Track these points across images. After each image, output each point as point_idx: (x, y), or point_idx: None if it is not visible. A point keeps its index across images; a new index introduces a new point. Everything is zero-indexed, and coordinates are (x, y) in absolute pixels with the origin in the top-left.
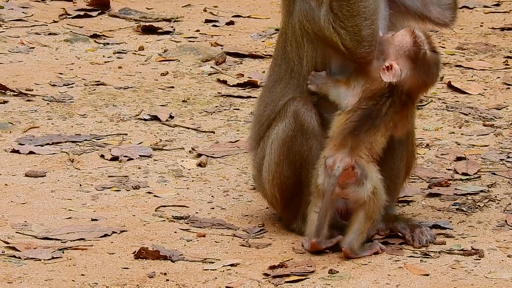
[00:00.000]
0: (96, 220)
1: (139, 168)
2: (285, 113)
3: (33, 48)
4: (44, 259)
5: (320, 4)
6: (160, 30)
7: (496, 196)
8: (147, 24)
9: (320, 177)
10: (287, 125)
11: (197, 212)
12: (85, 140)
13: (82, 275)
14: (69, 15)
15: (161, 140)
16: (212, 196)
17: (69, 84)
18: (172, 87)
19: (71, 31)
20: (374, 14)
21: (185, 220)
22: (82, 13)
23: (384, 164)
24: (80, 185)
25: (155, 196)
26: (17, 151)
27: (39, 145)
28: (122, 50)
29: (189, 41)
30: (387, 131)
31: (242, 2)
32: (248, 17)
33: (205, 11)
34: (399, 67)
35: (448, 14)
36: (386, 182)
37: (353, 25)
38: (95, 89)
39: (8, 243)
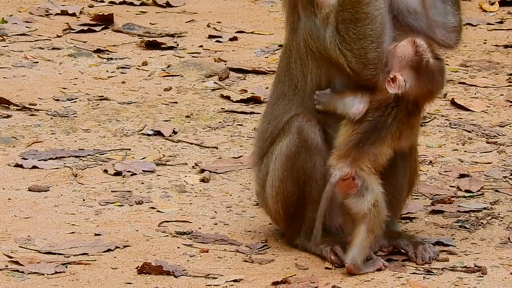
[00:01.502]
0: (99, 235)
1: (142, 183)
2: (289, 129)
3: (37, 62)
4: (47, 274)
5: (326, 24)
6: (164, 46)
7: (499, 213)
8: (151, 39)
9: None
10: (291, 141)
11: (200, 228)
12: (88, 155)
13: None
14: (73, 29)
15: (164, 155)
16: (215, 211)
17: (72, 99)
18: (176, 102)
19: (74, 46)
20: (381, 37)
21: (188, 235)
22: (85, 28)
23: (387, 181)
24: (84, 200)
25: (158, 211)
26: (21, 166)
27: (43, 159)
28: (126, 65)
29: (193, 56)
30: (393, 142)
31: (246, 18)
32: (251, 33)
33: (209, 26)
34: (403, 78)
35: (453, 37)
36: (389, 199)
37: (359, 48)
38: (98, 104)
39: (11, 257)
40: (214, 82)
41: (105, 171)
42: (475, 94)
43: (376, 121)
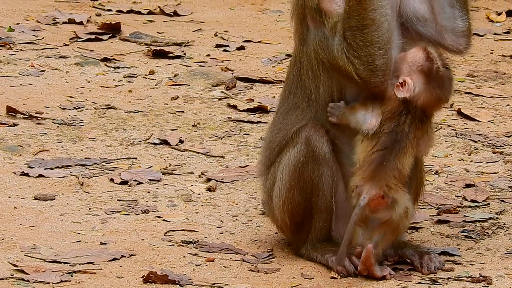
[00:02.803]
0: (105, 243)
1: (148, 192)
2: (296, 139)
3: (44, 71)
4: (53, 283)
5: (334, 33)
6: (171, 55)
7: (504, 223)
8: (158, 48)
9: (353, 200)
10: (299, 151)
11: (206, 237)
12: (94, 163)
13: None
14: (80, 38)
15: (170, 164)
16: (221, 220)
17: (79, 108)
18: (182, 111)
19: (81, 55)
20: (388, 44)
21: (194, 244)
22: (93, 36)
23: None
24: (89, 208)
25: (164, 220)
26: (27, 174)
27: (49, 168)
28: (133, 74)
29: (200, 65)
30: (413, 150)
31: (253, 27)
32: (258, 42)
33: (216, 35)
34: (413, 81)
35: (463, 42)
36: None
37: (367, 55)
38: (105, 113)
39: (16, 266)
40: (221, 91)
41: (111, 180)
42: (482, 104)
43: (395, 132)
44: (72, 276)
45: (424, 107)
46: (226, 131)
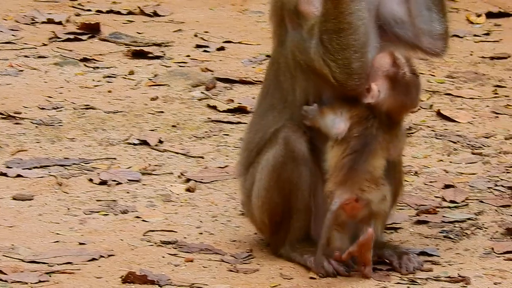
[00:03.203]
0: (83, 244)
1: (127, 192)
2: (275, 139)
3: (22, 71)
4: (31, 283)
5: (311, 36)
6: (151, 55)
7: (483, 224)
8: (138, 48)
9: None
10: (277, 151)
11: (185, 237)
12: (73, 164)
13: None
14: (59, 38)
15: (150, 164)
16: (200, 221)
17: (58, 108)
18: (162, 112)
19: (60, 55)
20: (364, 47)
21: (173, 245)
22: (72, 36)
23: None
24: (68, 208)
25: (143, 220)
26: (5, 174)
27: (27, 168)
28: (112, 74)
29: (179, 66)
30: (383, 152)
31: (233, 27)
32: (239, 42)
33: (196, 36)
34: (378, 88)
35: (440, 44)
36: None
37: (343, 58)
38: (84, 113)
39: None
40: (201, 92)
41: (90, 180)
42: (461, 105)
43: (364, 136)
44: (50, 276)
45: (389, 113)
46: (205, 132)
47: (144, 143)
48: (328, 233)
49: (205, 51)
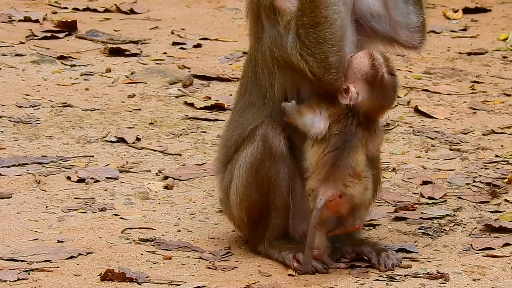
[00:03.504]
0: (62, 242)
1: (105, 190)
2: (253, 136)
3: (0, 69)
4: (10, 281)
5: (288, 31)
6: (127, 52)
7: (461, 220)
8: (114, 46)
9: (309, 203)
10: (256, 148)
11: (163, 235)
12: (51, 161)
13: None
14: (36, 36)
15: (127, 162)
16: (178, 218)
17: (35, 106)
18: (139, 109)
19: (38, 53)
20: (341, 41)
21: (152, 242)
22: (49, 34)
23: None
24: (46, 206)
25: (121, 218)
26: None
27: (5, 166)
28: (89, 72)
29: (156, 63)
30: (364, 148)
31: (210, 25)
32: (215, 40)
33: (173, 33)
34: (356, 90)
35: (417, 37)
36: None
37: (320, 52)
38: (61, 111)
39: None
40: (178, 89)
41: (68, 178)
42: (439, 101)
43: (344, 133)
44: (29, 274)
45: (367, 114)
46: (183, 129)
47: (121, 140)
48: (315, 232)
49: (181, 48)
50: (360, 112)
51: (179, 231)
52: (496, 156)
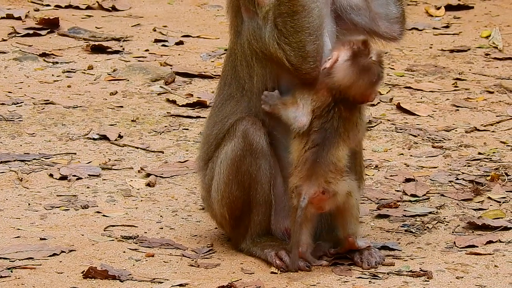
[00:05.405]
0: (44, 239)
1: (87, 187)
2: (234, 132)
3: None
4: None
5: (266, 22)
6: (110, 50)
7: (444, 218)
8: (96, 43)
9: (293, 201)
10: (236, 144)
11: (145, 232)
12: (33, 159)
13: None
14: (18, 33)
15: (110, 159)
16: (161, 216)
17: (18, 103)
18: (121, 106)
19: (20, 50)
20: (319, 30)
21: (134, 240)
22: (31, 31)
23: None
24: (29, 204)
25: (103, 215)
26: None
27: None
28: (71, 69)
29: (139, 60)
30: (345, 143)
31: (192, 22)
32: (197, 37)
33: (155, 30)
34: (338, 54)
35: (397, 28)
36: None
37: (298, 41)
38: (44, 108)
39: None
40: (160, 86)
41: (51, 175)
42: (421, 98)
43: (324, 129)
44: (11, 271)
45: (350, 94)
46: (165, 126)
47: (104, 138)
48: (300, 230)
49: (164, 45)
50: (342, 91)
51: (162, 228)
52: (479, 153)
